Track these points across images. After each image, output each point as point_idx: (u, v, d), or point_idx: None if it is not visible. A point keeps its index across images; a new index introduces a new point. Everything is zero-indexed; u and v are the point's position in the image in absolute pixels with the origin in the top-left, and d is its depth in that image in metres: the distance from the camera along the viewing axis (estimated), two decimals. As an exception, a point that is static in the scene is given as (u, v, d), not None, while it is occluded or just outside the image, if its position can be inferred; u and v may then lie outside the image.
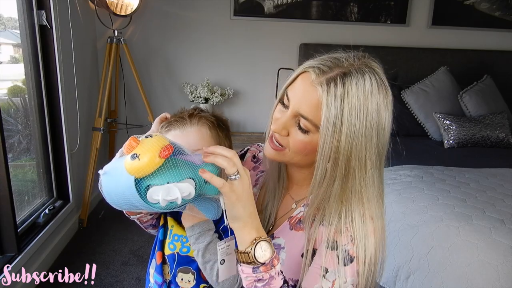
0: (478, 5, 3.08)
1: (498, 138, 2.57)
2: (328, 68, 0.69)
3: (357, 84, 0.67)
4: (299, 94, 0.71)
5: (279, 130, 0.74)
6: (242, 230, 0.69)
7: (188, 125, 0.82)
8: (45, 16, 2.09)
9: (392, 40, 3.08)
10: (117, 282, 1.99)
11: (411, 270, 1.47)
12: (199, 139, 0.82)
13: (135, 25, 2.86)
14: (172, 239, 0.86)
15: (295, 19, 2.99)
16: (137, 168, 0.59)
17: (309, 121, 0.70)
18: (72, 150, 2.36)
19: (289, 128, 0.73)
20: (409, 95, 2.81)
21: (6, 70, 2.16)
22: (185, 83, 2.92)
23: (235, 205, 0.67)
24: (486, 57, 3.10)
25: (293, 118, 0.73)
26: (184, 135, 0.82)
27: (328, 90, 0.66)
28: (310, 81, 0.69)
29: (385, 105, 0.70)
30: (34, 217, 2.06)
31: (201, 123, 0.83)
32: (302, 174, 0.83)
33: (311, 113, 0.69)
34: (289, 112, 0.73)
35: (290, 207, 0.84)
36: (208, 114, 0.86)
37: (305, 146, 0.72)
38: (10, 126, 2.04)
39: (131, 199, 0.61)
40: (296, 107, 0.71)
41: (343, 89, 0.66)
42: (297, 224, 0.80)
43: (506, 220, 1.50)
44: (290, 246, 0.79)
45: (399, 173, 2.05)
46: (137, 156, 0.59)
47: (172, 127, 0.83)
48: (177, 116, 0.85)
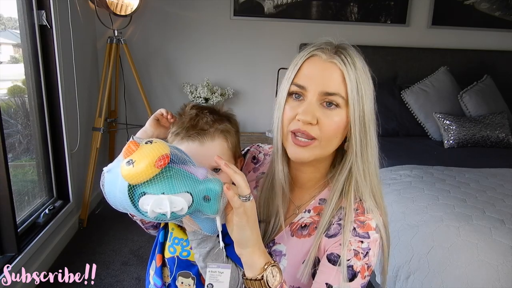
0: (478, 5, 3.07)
1: (498, 138, 2.57)
2: (329, 46, 0.74)
3: (354, 54, 0.74)
4: (318, 76, 0.72)
5: (309, 119, 0.71)
6: (251, 256, 0.67)
7: (208, 139, 0.78)
8: (45, 16, 2.08)
9: (392, 40, 3.08)
10: (117, 282, 1.99)
11: (411, 270, 1.47)
12: (220, 154, 0.78)
13: (135, 25, 2.86)
14: (172, 242, 0.84)
15: (295, 19, 2.98)
16: (130, 175, 0.58)
17: (337, 95, 0.71)
18: (72, 150, 2.36)
19: (317, 114, 0.72)
20: (409, 95, 2.81)
21: (6, 70, 2.16)
22: (185, 83, 2.92)
23: (245, 228, 0.65)
24: (486, 57, 3.10)
25: (317, 101, 0.72)
26: (204, 149, 0.77)
27: (342, 61, 0.71)
28: (323, 60, 0.72)
29: (368, 69, 0.76)
30: (34, 217, 2.06)
31: (222, 136, 0.80)
32: (308, 175, 0.82)
33: (337, 87, 0.71)
34: (312, 96, 0.72)
35: (291, 212, 0.83)
36: (229, 126, 0.82)
37: (338, 125, 0.73)
38: (10, 126, 2.04)
39: (124, 203, 0.60)
40: (319, 88, 0.72)
41: (351, 58, 0.72)
42: (298, 231, 0.79)
43: (506, 220, 1.50)
44: (291, 253, 0.78)
45: (399, 173, 2.05)
46: (132, 163, 0.57)
47: (191, 139, 0.78)
48: (194, 125, 0.79)
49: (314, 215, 0.79)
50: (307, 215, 0.80)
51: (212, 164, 0.76)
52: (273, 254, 0.80)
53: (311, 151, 0.73)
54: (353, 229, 0.71)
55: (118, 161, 0.63)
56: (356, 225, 0.72)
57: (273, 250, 0.81)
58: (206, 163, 0.74)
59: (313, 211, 0.80)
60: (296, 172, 0.83)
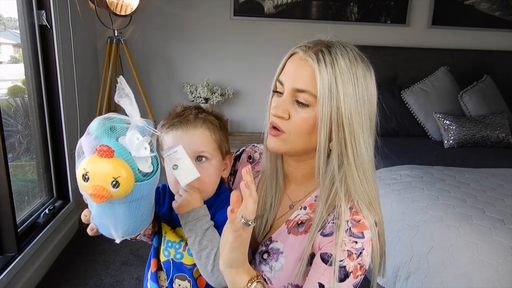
0: (478, 5, 3.07)
1: (498, 138, 2.57)
2: (313, 44, 0.74)
3: (342, 52, 0.72)
4: (292, 73, 0.74)
5: (279, 113, 0.74)
6: (234, 276, 0.69)
7: (191, 127, 0.81)
8: (45, 16, 2.08)
9: (392, 40, 3.08)
10: (117, 282, 1.99)
11: (411, 270, 1.47)
12: (202, 142, 0.81)
13: (135, 25, 2.86)
14: (166, 246, 0.85)
15: (295, 19, 2.99)
16: (120, 193, 0.60)
17: (307, 92, 0.72)
18: (72, 150, 2.35)
19: (288, 109, 0.74)
20: (409, 95, 2.81)
21: (6, 70, 2.16)
22: (185, 83, 2.92)
23: (236, 250, 0.66)
24: (486, 57, 3.10)
25: (290, 98, 0.74)
26: (187, 137, 0.81)
27: (317, 59, 0.71)
28: (299, 58, 0.74)
29: (369, 71, 0.74)
30: (34, 217, 2.06)
31: (205, 126, 0.82)
32: (300, 170, 0.82)
33: (307, 84, 0.72)
34: (286, 92, 0.75)
35: (287, 209, 0.84)
36: (212, 118, 0.84)
37: (307, 122, 0.73)
38: (10, 126, 2.04)
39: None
40: (291, 84, 0.74)
41: (331, 56, 0.71)
42: (295, 228, 0.79)
43: (506, 220, 1.50)
44: (288, 251, 0.78)
45: (399, 173, 2.05)
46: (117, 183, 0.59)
47: (174, 128, 0.81)
48: (179, 115, 0.83)
49: (310, 212, 0.80)
50: (303, 212, 0.81)
51: (197, 150, 0.80)
52: (271, 252, 0.81)
53: (279, 142, 0.76)
54: (348, 228, 0.71)
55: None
56: (351, 224, 0.72)
57: (270, 248, 0.81)
58: (190, 150, 0.78)
59: (309, 208, 0.81)
60: (289, 167, 0.84)
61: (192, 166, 0.77)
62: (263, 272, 0.81)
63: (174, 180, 0.81)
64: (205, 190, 0.83)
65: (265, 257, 0.81)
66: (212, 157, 0.82)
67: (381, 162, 2.19)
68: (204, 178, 0.81)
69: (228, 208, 0.63)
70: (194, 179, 0.77)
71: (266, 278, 0.81)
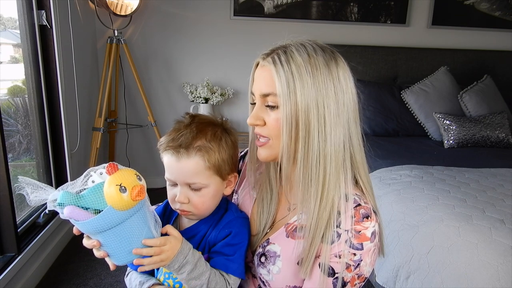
0: (478, 5, 3.08)
1: (498, 138, 2.57)
2: (271, 50, 0.77)
3: (298, 49, 0.73)
4: (257, 80, 0.77)
5: (253, 121, 0.76)
6: None
7: (184, 156, 0.78)
8: (45, 16, 2.08)
9: (392, 40, 3.08)
10: (117, 282, 1.99)
11: (411, 270, 1.47)
12: (194, 173, 0.79)
13: (135, 25, 2.86)
14: (164, 277, 0.85)
15: (295, 19, 2.99)
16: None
17: (271, 95, 0.74)
18: (72, 150, 2.36)
19: (262, 115, 0.76)
20: (409, 95, 2.81)
21: (6, 70, 2.16)
22: (185, 83, 2.92)
23: None
24: (486, 57, 3.10)
25: (261, 104, 0.76)
26: (180, 166, 0.78)
27: (273, 61, 0.73)
28: (260, 65, 0.76)
29: (334, 59, 0.73)
30: (34, 217, 2.06)
31: (199, 154, 0.78)
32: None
33: (269, 87, 0.73)
34: (257, 101, 0.77)
35: (287, 211, 0.83)
36: (208, 145, 0.80)
37: (278, 123, 0.74)
38: (10, 126, 2.04)
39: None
40: (258, 91, 0.76)
41: (286, 55, 0.72)
42: (294, 232, 0.79)
43: (506, 220, 1.50)
44: (286, 254, 0.78)
45: (399, 173, 2.05)
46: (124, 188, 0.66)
47: (169, 152, 0.79)
48: (177, 137, 0.80)
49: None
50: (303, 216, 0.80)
51: (188, 182, 0.79)
52: (268, 255, 0.81)
53: (267, 150, 0.78)
54: (348, 239, 0.71)
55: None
56: (351, 234, 0.71)
57: (267, 250, 0.81)
58: (181, 179, 0.79)
59: None
60: (287, 169, 0.83)
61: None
62: (261, 275, 0.81)
63: (172, 197, 0.82)
64: (199, 214, 0.83)
65: (262, 260, 0.81)
66: (205, 185, 0.80)
67: (381, 162, 2.20)
68: (197, 205, 0.81)
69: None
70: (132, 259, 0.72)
71: (264, 280, 0.81)
